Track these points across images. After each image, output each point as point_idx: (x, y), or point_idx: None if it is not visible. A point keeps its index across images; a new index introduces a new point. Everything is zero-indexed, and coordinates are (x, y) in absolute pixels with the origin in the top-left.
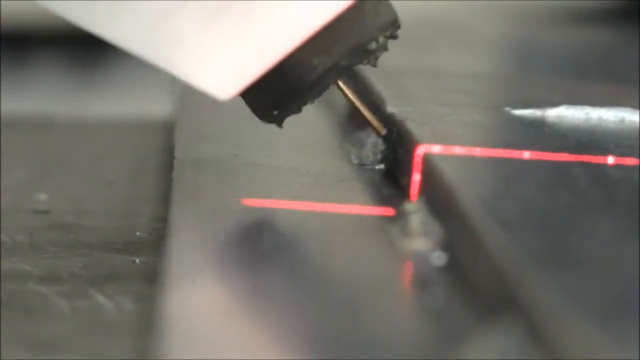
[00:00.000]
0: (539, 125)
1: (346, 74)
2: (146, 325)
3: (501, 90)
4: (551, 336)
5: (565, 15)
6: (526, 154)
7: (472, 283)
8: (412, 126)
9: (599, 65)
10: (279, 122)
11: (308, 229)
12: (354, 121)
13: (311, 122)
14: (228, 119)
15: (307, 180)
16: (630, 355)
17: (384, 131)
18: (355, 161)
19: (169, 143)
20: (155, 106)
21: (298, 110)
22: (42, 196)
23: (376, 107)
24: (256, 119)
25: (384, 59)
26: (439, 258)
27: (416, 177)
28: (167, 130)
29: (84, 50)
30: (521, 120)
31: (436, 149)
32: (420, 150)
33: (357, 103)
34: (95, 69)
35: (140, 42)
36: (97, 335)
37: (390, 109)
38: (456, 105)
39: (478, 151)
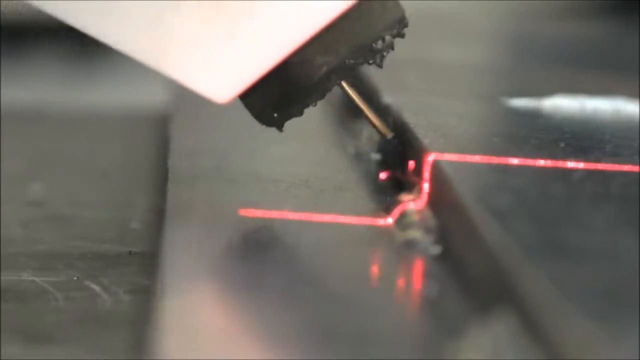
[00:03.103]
0: (535, 115)
1: (350, 74)
2: (141, 316)
3: (496, 81)
4: (545, 326)
5: (560, 6)
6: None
7: (468, 273)
8: (408, 117)
9: (594, 55)
10: (279, 125)
11: (305, 221)
12: (350, 111)
13: (307, 111)
14: (223, 108)
15: (302, 171)
16: (624, 347)
17: (390, 134)
18: (352, 150)
19: (164, 133)
20: (151, 97)
21: (299, 112)
22: (37, 187)
23: (370, 97)
24: None
25: None
26: (434, 248)
27: (414, 169)
28: (163, 121)
29: (78, 41)
30: (516, 110)
31: (437, 155)
32: (429, 157)
33: (362, 105)
34: (90, 60)
35: (135, 44)
36: (93, 325)
37: (386, 99)
38: (452, 96)
39: (476, 158)
